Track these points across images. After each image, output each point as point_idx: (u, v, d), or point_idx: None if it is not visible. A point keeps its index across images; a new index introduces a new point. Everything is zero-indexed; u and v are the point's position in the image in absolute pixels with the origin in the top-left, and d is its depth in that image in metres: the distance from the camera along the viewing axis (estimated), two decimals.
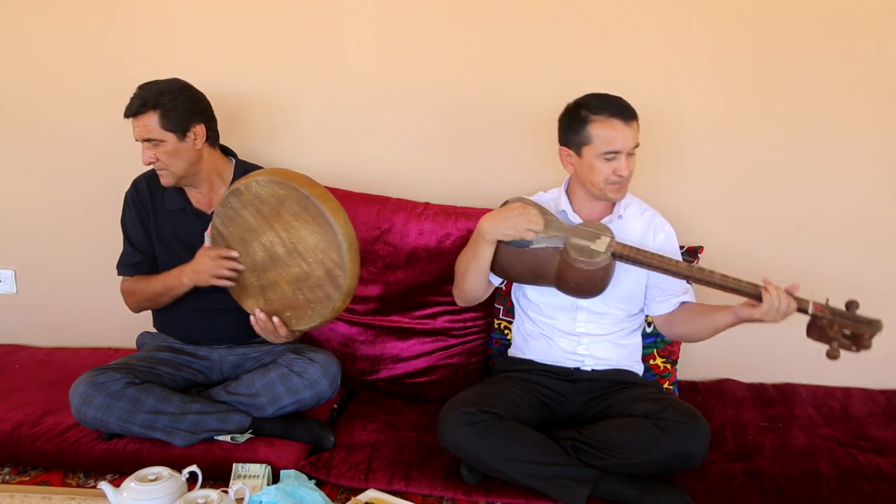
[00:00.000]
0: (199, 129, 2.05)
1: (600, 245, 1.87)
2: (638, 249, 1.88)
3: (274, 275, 1.92)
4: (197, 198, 2.15)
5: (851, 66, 2.28)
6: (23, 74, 2.59)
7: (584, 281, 1.90)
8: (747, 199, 2.41)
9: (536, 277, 1.98)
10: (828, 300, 1.76)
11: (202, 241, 2.06)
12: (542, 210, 1.98)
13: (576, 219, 2.03)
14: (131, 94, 2.02)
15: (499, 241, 1.94)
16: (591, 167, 1.94)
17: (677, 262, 1.87)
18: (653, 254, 1.88)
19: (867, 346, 1.71)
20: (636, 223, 2.06)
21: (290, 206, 1.83)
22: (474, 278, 2.02)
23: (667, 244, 2.06)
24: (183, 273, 2.04)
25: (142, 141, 2.02)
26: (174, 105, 2.00)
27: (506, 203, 2.02)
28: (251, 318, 1.99)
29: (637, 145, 1.94)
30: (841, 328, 1.72)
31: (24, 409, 2.13)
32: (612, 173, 1.92)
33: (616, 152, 1.90)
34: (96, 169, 2.60)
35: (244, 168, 2.19)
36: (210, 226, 1.98)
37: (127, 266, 2.19)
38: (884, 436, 2.13)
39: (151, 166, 2.07)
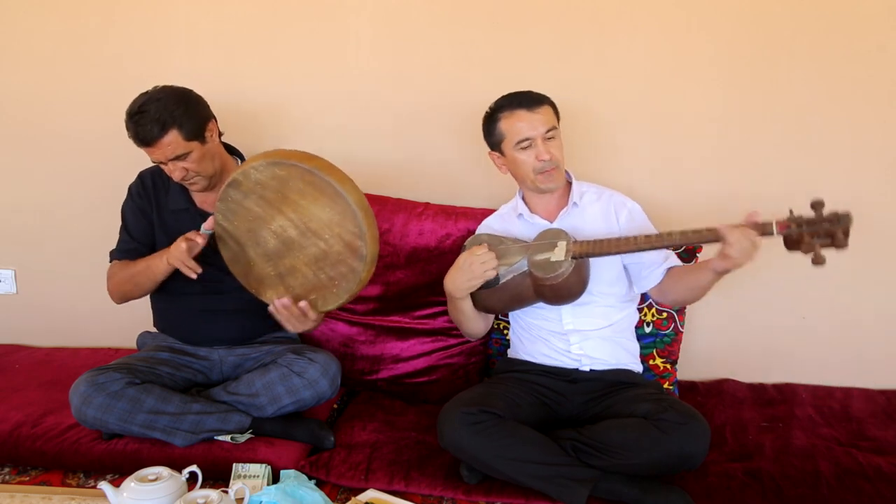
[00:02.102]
0: (213, 125, 2.05)
1: (559, 253, 1.89)
2: (595, 242, 1.89)
3: (291, 260, 1.87)
4: (201, 197, 2.15)
5: (851, 66, 2.28)
6: (23, 74, 2.59)
7: (560, 291, 1.93)
8: (747, 199, 2.40)
9: (521, 303, 2.03)
10: (791, 211, 1.72)
11: None
12: (496, 241, 2.03)
13: (533, 219, 2.08)
14: (131, 95, 2.00)
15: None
16: (515, 161, 2.01)
17: (635, 238, 1.86)
18: (610, 240, 1.88)
19: (843, 245, 1.68)
20: (594, 208, 2.08)
21: (295, 184, 1.77)
22: (468, 324, 2.11)
23: (632, 219, 2.07)
24: (167, 252, 2.00)
25: (167, 161, 1.98)
26: (187, 113, 1.96)
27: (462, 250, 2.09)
28: (270, 307, 1.94)
29: (552, 129, 1.98)
30: (813, 235, 1.69)
31: (24, 409, 2.13)
32: (536, 160, 1.97)
33: (528, 139, 1.97)
34: (96, 169, 2.60)
35: None
36: (210, 221, 1.93)
37: (119, 252, 2.17)
38: (884, 436, 2.12)
39: (184, 181, 2.03)
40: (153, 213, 2.16)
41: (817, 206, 1.70)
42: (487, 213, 2.31)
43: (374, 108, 2.49)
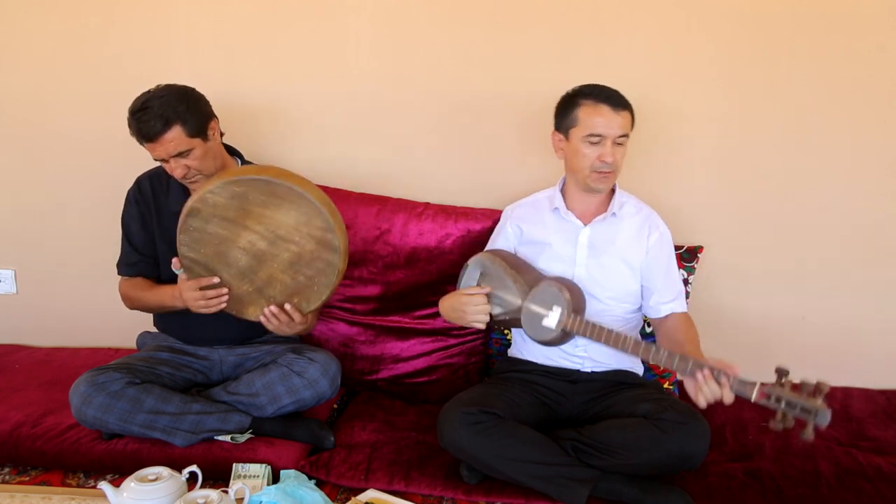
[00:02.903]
0: (215, 124, 2.06)
1: (551, 320, 1.88)
2: (588, 325, 1.84)
3: (266, 271, 1.90)
4: None
5: (851, 66, 2.28)
6: (23, 74, 2.59)
7: (542, 343, 1.94)
8: (747, 199, 2.41)
9: (511, 327, 2.02)
10: (785, 375, 1.65)
11: None
12: (497, 272, 1.98)
13: (568, 216, 2.05)
14: (131, 95, 2.00)
15: None
16: (577, 151, 1.97)
17: (626, 338, 1.80)
18: (602, 330, 1.83)
19: (808, 438, 1.57)
20: (631, 222, 2.06)
21: (255, 197, 1.80)
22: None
23: (660, 245, 2.06)
24: (177, 299, 2.01)
25: (169, 158, 1.98)
26: (189, 109, 1.96)
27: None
28: (262, 318, 1.97)
29: (625, 135, 1.96)
30: (785, 415, 1.61)
31: (24, 409, 2.13)
32: (597, 159, 1.94)
33: (600, 136, 1.93)
34: (96, 169, 2.60)
35: None
36: (176, 261, 1.92)
37: (125, 266, 2.18)
38: (884, 436, 2.13)
39: (185, 179, 2.02)
40: (153, 218, 2.16)
41: (804, 388, 1.62)
42: (488, 212, 2.32)
43: (374, 108, 2.48)
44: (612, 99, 1.95)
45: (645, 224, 2.07)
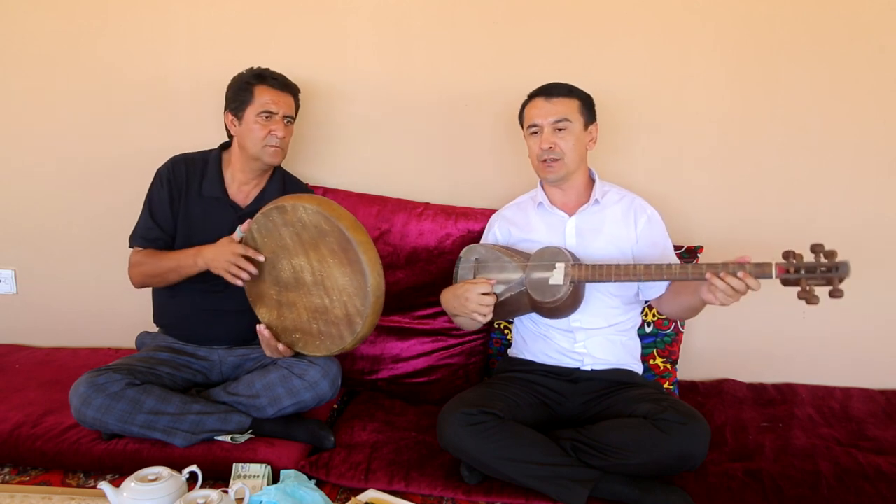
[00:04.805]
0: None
1: (557, 276, 1.91)
2: (595, 267, 1.88)
3: (294, 297, 1.94)
4: (235, 189, 2.17)
5: (852, 66, 2.28)
6: (23, 74, 2.59)
7: (556, 311, 1.96)
8: (748, 199, 2.41)
9: (517, 312, 2.05)
10: (793, 254, 1.70)
11: (231, 231, 2.03)
12: (492, 255, 2.03)
13: (553, 210, 2.09)
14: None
15: None
16: (527, 146, 2.08)
17: (634, 267, 1.85)
18: (609, 267, 1.87)
19: (839, 295, 1.65)
20: (616, 208, 2.09)
21: (331, 242, 1.84)
22: (463, 326, 2.16)
23: (651, 226, 2.08)
24: (200, 255, 2.02)
25: (281, 117, 2.12)
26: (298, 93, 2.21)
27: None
28: (258, 326, 2.01)
29: (563, 120, 2.00)
30: (809, 281, 1.68)
31: (24, 409, 2.13)
32: (538, 148, 2.01)
33: (536, 125, 2.02)
34: (96, 169, 2.60)
35: (282, 174, 2.23)
36: (246, 224, 1.97)
37: (141, 238, 2.17)
38: (884, 436, 2.13)
39: (278, 143, 2.11)
40: (181, 200, 2.16)
41: (816, 250, 1.69)
42: (488, 212, 2.31)
43: (374, 107, 2.49)
44: (548, 90, 2.04)
45: (630, 209, 2.09)
